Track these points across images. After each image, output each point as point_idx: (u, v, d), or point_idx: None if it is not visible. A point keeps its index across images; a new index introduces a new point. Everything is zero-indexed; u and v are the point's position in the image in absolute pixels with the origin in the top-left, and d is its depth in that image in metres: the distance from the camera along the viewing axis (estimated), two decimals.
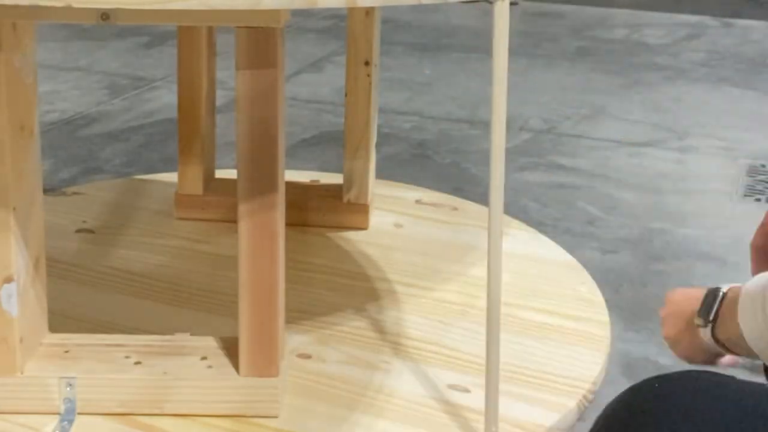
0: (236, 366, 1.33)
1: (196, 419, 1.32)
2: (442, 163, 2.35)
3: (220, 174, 1.95)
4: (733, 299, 0.99)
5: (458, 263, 1.75)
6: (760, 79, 3.06)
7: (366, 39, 1.81)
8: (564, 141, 2.51)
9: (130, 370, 1.33)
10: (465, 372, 1.43)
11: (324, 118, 2.65)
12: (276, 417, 1.33)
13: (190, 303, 1.62)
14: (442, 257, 1.78)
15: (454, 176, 2.26)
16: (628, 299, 1.72)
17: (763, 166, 2.35)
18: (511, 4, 1.17)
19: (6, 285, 1.27)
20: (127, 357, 1.35)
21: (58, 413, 1.31)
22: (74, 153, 2.36)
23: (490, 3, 1.15)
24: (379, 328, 1.55)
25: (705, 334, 1.03)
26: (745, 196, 2.18)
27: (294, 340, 1.50)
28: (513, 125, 2.55)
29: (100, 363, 1.34)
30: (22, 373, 1.31)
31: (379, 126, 1.99)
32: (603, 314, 1.61)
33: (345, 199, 1.87)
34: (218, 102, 1.96)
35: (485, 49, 1.14)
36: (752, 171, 2.32)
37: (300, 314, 1.57)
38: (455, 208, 1.98)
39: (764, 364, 1.00)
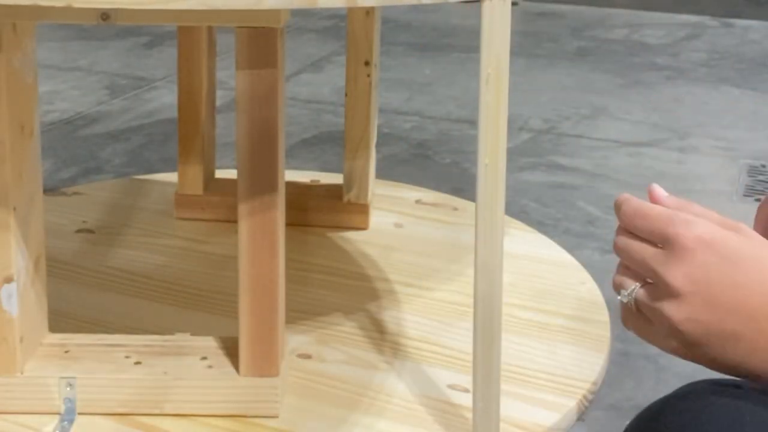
0: (236, 366, 1.33)
1: (196, 419, 1.32)
2: (442, 163, 2.35)
3: (220, 174, 1.95)
4: None
5: (458, 263, 1.75)
6: (760, 79, 3.06)
7: (366, 39, 1.81)
8: (564, 141, 2.50)
9: (130, 370, 1.33)
10: (465, 372, 1.43)
11: (324, 118, 2.65)
12: (276, 417, 1.33)
13: (190, 303, 1.61)
14: (442, 257, 1.77)
15: (454, 176, 2.26)
16: None
17: (764, 166, 2.35)
18: (513, 4, 1.17)
19: (6, 285, 1.27)
20: (127, 357, 1.35)
21: (58, 413, 1.31)
22: (74, 153, 2.36)
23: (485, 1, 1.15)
24: (379, 328, 1.55)
25: None
26: (745, 196, 2.18)
27: (294, 340, 1.50)
28: (513, 125, 2.55)
29: (100, 363, 1.34)
30: (22, 373, 1.31)
31: (379, 126, 1.99)
32: (603, 314, 1.61)
33: (345, 199, 1.87)
34: (218, 102, 1.96)
35: None
36: (752, 171, 2.32)
37: (300, 314, 1.57)
38: (455, 208, 1.98)
39: None
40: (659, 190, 0.75)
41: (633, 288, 0.74)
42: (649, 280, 0.73)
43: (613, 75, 3.08)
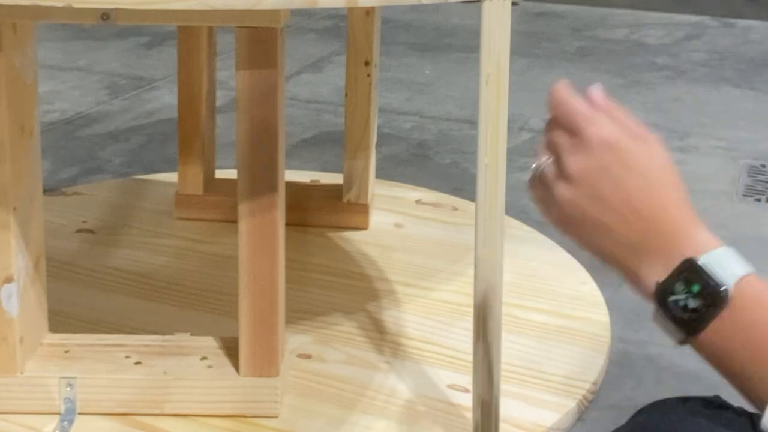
0: (236, 366, 1.33)
1: (196, 419, 1.32)
2: (442, 163, 2.35)
3: (220, 174, 1.95)
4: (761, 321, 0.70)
5: (458, 263, 1.75)
6: (760, 79, 3.06)
7: (366, 39, 1.81)
8: None
9: (130, 370, 1.33)
10: (465, 372, 1.43)
11: (324, 118, 2.65)
12: (276, 417, 1.33)
13: (190, 303, 1.61)
14: (442, 257, 1.77)
15: (454, 176, 2.25)
16: (628, 299, 1.72)
17: (763, 166, 2.35)
18: (513, 4, 1.17)
19: (6, 285, 1.27)
20: (127, 357, 1.35)
21: (58, 413, 1.31)
22: (74, 153, 2.36)
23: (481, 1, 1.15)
24: (379, 328, 1.55)
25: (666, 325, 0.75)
26: (745, 196, 2.18)
27: (294, 340, 1.50)
28: (513, 125, 2.55)
29: (100, 363, 1.34)
30: (22, 373, 1.31)
31: (379, 126, 1.99)
32: (603, 314, 1.61)
33: (345, 199, 1.87)
34: (218, 102, 1.96)
35: None
36: (752, 171, 2.32)
37: (300, 314, 1.57)
38: (455, 208, 1.98)
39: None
40: (597, 93, 0.83)
41: (543, 161, 0.84)
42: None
43: (613, 75, 3.08)
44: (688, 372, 1.49)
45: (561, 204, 0.80)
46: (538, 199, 0.85)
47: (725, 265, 0.73)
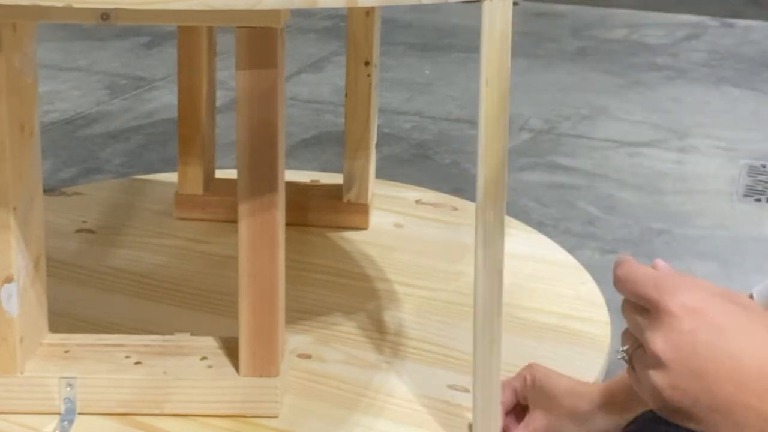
0: (236, 366, 1.33)
1: (196, 419, 1.32)
2: (442, 163, 2.35)
3: (220, 174, 1.95)
4: None
5: (458, 263, 1.75)
6: (760, 79, 3.06)
7: (366, 39, 1.81)
8: (564, 141, 2.51)
9: (130, 370, 1.33)
10: (465, 372, 1.43)
11: (324, 118, 2.65)
12: (276, 417, 1.33)
13: (190, 303, 1.61)
14: (442, 257, 1.77)
15: (454, 176, 2.26)
16: None
17: (763, 166, 2.35)
18: (513, 4, 1.17)
19: (6, 285, 1.27)
20: (127, 357, 1.35)
21: (58, 413, 1.31)
22: (74, 153, 2.36)
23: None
24: (379, 328, 1.55)
25: None
26: (745, 196, 2.18)
27: (294, 340, 1.50)
28: (513, 125, 2.55)
29: (100, 363, 1.34)
30: (22, 373, 1.31)
31: (379, 126, 1.99)
32: (603, 314, 1.61)
33: (345, 199, 1.87)
34: (218, 102, 1.96)
35: None
36: (752, 171, 2.32)
37: (300, 314, 1.57)
38: (455, 208, 1.98)
39: None
40: (662, 263, 0.74)
41: (627, 348, 0.73)
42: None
43: (613, 75, 3.08)
44: None
45: (660, 393, 0.67)
46: (639, 391, 0.71)
47: None
